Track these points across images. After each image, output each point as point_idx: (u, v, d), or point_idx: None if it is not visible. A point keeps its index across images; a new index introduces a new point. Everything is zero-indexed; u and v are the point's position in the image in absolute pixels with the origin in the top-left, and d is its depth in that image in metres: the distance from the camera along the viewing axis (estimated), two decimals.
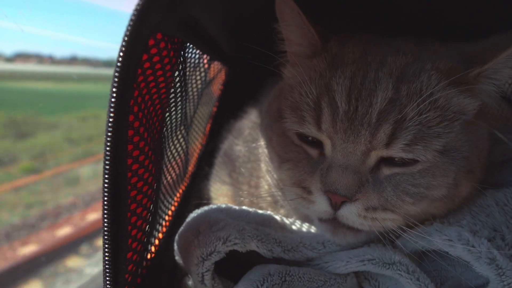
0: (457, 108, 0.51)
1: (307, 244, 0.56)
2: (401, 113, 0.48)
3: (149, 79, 0.46)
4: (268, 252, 0.55)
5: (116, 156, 0.41)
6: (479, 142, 0.55)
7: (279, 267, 0.54)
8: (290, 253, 0.56)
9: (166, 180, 0.65)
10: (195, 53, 0.67)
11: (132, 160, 0.45)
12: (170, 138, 0.61)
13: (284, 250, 0.55)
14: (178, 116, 0.62)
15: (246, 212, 0.61)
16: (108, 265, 0.42)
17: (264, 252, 0.54)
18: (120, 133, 0.41)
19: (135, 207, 0.47)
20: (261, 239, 0.54)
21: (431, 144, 0.49)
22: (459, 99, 0.52)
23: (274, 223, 0.60)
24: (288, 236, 0.58)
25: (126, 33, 0.37)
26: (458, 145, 0.51)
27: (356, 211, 0.50)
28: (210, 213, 0.59)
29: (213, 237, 0.53)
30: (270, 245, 0.55)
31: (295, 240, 0.57)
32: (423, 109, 0.49)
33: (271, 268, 0.53)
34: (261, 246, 0.54)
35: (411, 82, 0.50)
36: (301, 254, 0.56)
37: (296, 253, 0.56)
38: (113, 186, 0.41)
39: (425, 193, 0.51)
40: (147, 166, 0.48)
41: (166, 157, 0.62)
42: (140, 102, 0.45)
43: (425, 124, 0.49)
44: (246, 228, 0.54)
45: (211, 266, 0.53)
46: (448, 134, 0.50)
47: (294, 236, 0.58)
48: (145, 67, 0.44)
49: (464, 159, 0.52)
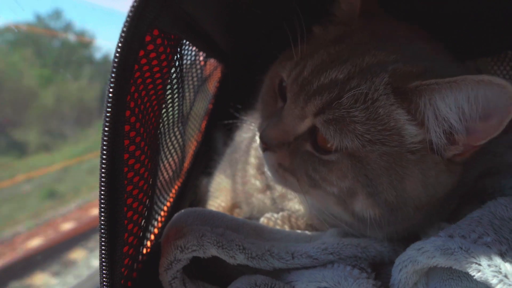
0: (393, 124, 0.50)
1: (274, 253, 0.55)
2: (337, 96, 0.51)
3: (146, 75, 0.46)
4: (231, 259, 0.54)
5: (112, 151, 0.41)
6: (410, 184, 0.51)
7: (265, 278, 0.55)
8: (255, 260, 0.54)
9: (162, 176, 0.65)
10: (191, 50, 0.68)
11: (129, 155, 0.45)
12: (167, 134, 0.62)
13: (248, 257, 0.54)
14: (175, 112, 0.62)
15: (217, 216, 0.60)
16: (105, 259, 0.42)
17: (227, 259, 0.54)
18: (116, 128, 0.41)
19: (131, 201, 0.47)
20: (221, 246, 0.53)
21: (346, 136, 0.50)
22: (398, 115, 0.50)
23: (248, 229, 0.60)
24: (256, 243, 0.56)
25: (123, 29, 0.38)
26: (368, 161, 0.51)
27: (271, 161, 0.58)
28: (180, 218, 0.59)
29: (172, 246, 0.53)
30: (232, 251, 0.54)
31: (262, 247, 0.55)
32: (358, 106, 0.50)
33: (258, 278, 0.54)
34: (221, 252, 0.54)
35: (364, 80, 0.51)
36: (267, 263, 0.55)
37: (261, 261, 0.54)
38: (109, 180, 0.41)
39: (319, 182, 0.54)
40: (143, 161, 0.49)
41: (163, 153, 0.63)
42: (136, 97, 0.45)
43: (352, 117, 0.50)
44: (206, 234, 0.54)
45: (176, 273, 0.54)
46: (365, 143, 0.50)
47: (264, 243, 0.57)
48: (142, 63, 0.44)
49: (367, 179, 0.51)
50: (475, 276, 0.42)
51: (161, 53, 0.47)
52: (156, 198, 0.63)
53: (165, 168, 0.66)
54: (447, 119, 0.48)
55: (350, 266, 0.54)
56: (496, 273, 0.41)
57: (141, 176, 0.49)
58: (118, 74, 0.39)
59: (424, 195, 0.52)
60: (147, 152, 0.50)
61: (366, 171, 0.51)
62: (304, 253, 0.55)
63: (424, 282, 0.50)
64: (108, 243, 0.43)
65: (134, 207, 0.49)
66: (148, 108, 0.50)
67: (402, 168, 0.51)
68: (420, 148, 0.51)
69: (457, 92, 0.45)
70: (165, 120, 0.59)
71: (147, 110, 0.49)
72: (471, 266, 0.43)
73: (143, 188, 0.50)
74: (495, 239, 0.45)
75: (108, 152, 0.40)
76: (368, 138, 0.50)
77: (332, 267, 0.55)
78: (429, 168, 0.51)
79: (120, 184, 0.44)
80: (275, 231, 0.64)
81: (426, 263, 0.46)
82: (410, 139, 0.50)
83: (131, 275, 0.53)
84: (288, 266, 0.56)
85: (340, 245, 0.56)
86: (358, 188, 0.52)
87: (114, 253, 0.44)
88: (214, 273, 0.61)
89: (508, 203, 0.50)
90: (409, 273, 0.49)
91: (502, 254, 0.43)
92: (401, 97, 0.50)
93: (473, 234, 0.46)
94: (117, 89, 0.40)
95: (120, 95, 0.40)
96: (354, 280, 0.51)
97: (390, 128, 0.50)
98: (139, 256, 0.56)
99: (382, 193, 0.51)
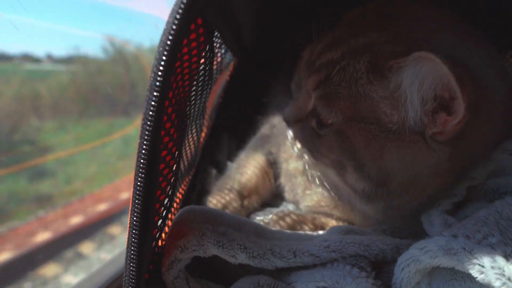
0: (370, 103, 0.53)
1: (276, 252, 0.55)
2: (328, 74, 0.55)
3: (185, 65, 0.45)
4: (232, 258, 0.54)
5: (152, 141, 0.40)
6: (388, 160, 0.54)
7: (268, 279, 0.55)
8: (256, 260, 0.54)
9: (180, 168, 0.64)
10: (218, 42, 0.66)
11: (162, 146, 0.44)
12: (189, 127, 0.61)
13: (249, 256, 0.54)
14: (199, 105, 0.61)
15: (219, 215, 0.60)
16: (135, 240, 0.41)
17: (228, 258, 0.54)
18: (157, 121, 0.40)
19: (165, 185, 0.47)
20: (222, 245, 0.53)
21: (331, 112, 0.55)
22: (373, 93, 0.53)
23: (249, 228, 0.60)
24: (258, 242, 0.56)
25: (175, 16, 0.37)
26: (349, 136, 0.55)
27: (291, 134, 0.65)
28: (181, 216, 0.58)
29: (173, 245, 0.53)
30: (233, 251, 0.54)
31: (263, 247, 0.55)
32: (344, 84, 0.54)
33: (261, 279, 0.54)
34: (222, 252, 0.54)
35: (352, 59, 0.54)
36: (268, 262, 0.55)
37: (263, 260, 0.54)
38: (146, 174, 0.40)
39: (317, 155, 0.61)
40: (173, 153, 0.48)
41: (183, 145, 0.62)
42: (174, 88, 0.44)
43: (338, 94, 0.54)
44: (206, 233, 0.54)
45: (178, 273, 0.54)
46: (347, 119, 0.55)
47: (266, 242, 0.57)
48: (184, 52, 0.43)
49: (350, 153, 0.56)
50: (478, 278, 0.42)
51: (201, 43, 0.46)
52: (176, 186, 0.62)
53: (182, 161, 0.65)
54: (420, 96, 0.49)
55: (350, 265, 0.54)
56: (500, 275, 0.40)
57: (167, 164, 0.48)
58: (163, 62, 0.38)
59: (405, 172, 0.54)
60: (176, 140, 0.49)
61: (349, 145, 0.55)
62: (306, 251, 0.55)
63: (427, 282, 0.50)
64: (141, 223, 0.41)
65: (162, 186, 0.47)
66: (182, 99, 0.48)
67: (380, 145, 0.53)
68: (397, 127, 0.52)
69: (424, 69, 0.46)
70: (192, 113, 0.58)
71: (181, 101, 0.48)
72: (474, 267, 0.42)
73: (167, 177, 0.49)
74: (500, 240, 0.44)
75: (148, 142, 0.39)
76: (350, 114, 0.54)
77: (331, 267, 0.55)
78: (405, 146, 0.53)
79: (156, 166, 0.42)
80: (276, 231, 0.64)
81: (429, 263, 0.46)
82: (386, 118, 0.53)
83: (148, 267, 0.52)
84: (290, 264, 0.55)
85: (342, 243, 0.56)
86: (345, 161, 0.56)
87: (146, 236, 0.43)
88: (217, 272, 0.61)
89: None
90: (412, 273, 0.48)
91: (506, 256, 0.42)
92: (379, 76, 0.51)
93: (477, 235, 0.46)
94: (162, 78, 0.38)
95: (165, 84, 0.39)
96: (353, 279, 0.51)
97: (367, 106, 0.53)
98: (156, 248, 0.55)
99: (365, 167, 0.55)
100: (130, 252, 0.42)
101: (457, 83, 0.45)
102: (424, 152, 0.53)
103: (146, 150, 0.38)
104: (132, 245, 0.42)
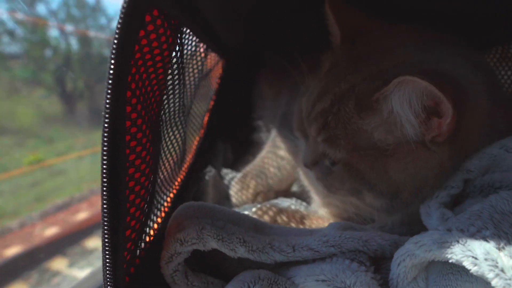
0: (365, 135, 0.59)
1: (275, 246, 0.55)
2: (325, 121, 0.62)
3: (147, 57, 0.46)
4: (231, 252, 0.55)
5: (113, 131, 0.41)
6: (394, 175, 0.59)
7: (268, 273, 0.55)
8: (255, 253, 0.55)
9: (164, 165, 0.65)
10: (192, 40, 0.68)
11: (130, 137, 0.45)
12: (168, 123, 0.62)
13: (248, 250, 0.54)
14: (176, 101, 0.62)
15: (218, 210, 0.60)
16: (107, 239, 0.42)
17: (227, 251, 0.55)
18: (118, 108, 0.41)
19: (133, 184, 0.47)
20: (222, 239, 0.54)
21: (336, 150, 0.61)
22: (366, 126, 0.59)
23: (248, 223, 0.60)
24: (257, 236, 0.57)
25: (123, 6, 0.38)
26: (355, 165, 0.61)
27: (313, 175, 0.69)
28: (181, 211, 0.59)
29: (173, 239, 0.54)
30: (232, 244, 0.54)
31: (263, 241, 0.56)
32: (340, 126, 0.61)
33: (261, 273, 0.54)
34: (221, 245, 0.54)
35: (341, 104, 0.61)
36: (268, 256, 0.55)
37: (262, 254, 0.55)
38: (111, 161, 0.41)
39: (332, 188, 0.67)
40: (144, 145, 0.49)
41: (164, 142, 0.63)
42: (137, 79, 0.45)
43: (337, 135, 0.61)
44: (206, 227, 0.54)
45: (178, 266, 0.55)
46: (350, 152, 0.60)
47: (265, 237, 0.57)
48: (143, 44, 0.44)
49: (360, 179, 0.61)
50: (472, 270, 0.42)
51: (161, 35, 0.48)
52: (158, 187, 0.63)
53: (167, 158, 0.66)
54: (412, 112, 0.54)
55: (349, 259, 0.54)
56: (493, 267, 0.41)
57: (143, 160, 0.49)
58: (118, 52, 0.39)
59: (410, 179, 0.59)
60: (148, 136, 0.50)
61: (357, 173, 0.61)
62: (306, 245, 0.55)
63: (424, 276, 0.50)
64: (111, 223, 0.42)
65: (136, 190, 0.48)
66: (150, 92, 0.50)
67: (382, 164, 0.59)
68: (394, 146, 0.58)
69: (407, 90, 0.52)
70: (166, 108, 0.59)
71: (148, 94, 0.49)
72: (467, 259, 0.42)
73: (145, 172, 0.50)
74: (494, 233, 0.45)
75: (109, 133, 0.40)
76: (351, 148, 0.60)
77: (331, 261, 0.55)
78: (404, 156, 0.58)
79: (121, 166, 0.44)
80: (276, 226, 0.64)
81: (424, 257, 0.46)
82: (381, 143, 0.58)
83: (134, 261, 0.53)
84: (289, 259, 0.55)
85: (342, 238, 0.56)
86: (358, 187, 0.62)
87: (117, 234, 0.44)
88: (216, 267, 0.61)
89: (510, 197, 0.49)
90: (408, 267, 0.48)
91: (500, 249, 0.42)
92: (369, 110, 0.58)
93: (471, 228, 0.46)
94: (118, 67, 0.40)
95: (121, 74, 0.40)
96: (352, 272, 0.51)
97: (363, 138, 0.59)
98: (141, 243, 0.56)
99: (376, 186, 0.60)
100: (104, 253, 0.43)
101: (438, 90, 0.49)
102: (424, 156, 0.58)
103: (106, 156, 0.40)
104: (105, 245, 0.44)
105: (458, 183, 0.59)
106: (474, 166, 0.59)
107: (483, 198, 0.55)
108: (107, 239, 0.43)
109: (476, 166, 0.59)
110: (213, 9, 0.65)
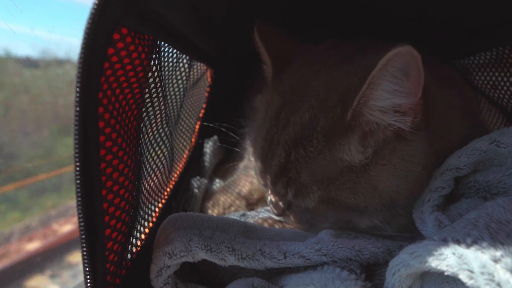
0: (340, 164, 0.55)
1: (266, 253, 0.55)
2: (287, 175, 0.58)
3: (119, 73, 0.47)
4: (221, 261, 0.55)
5: (85, 147, 0.42)
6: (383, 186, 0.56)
7: (262, 281, 0.56)
8: (246, 261, 0.55)
9: (149, 176, 0.66)
10: (172, 52, 0.69)
11: (106, 151, 0.46)
12: (151, 134, 0.63)
13: (238, 258, 0.55)
14: (157, 112, 0.64)
15: (205, 219, 0.60)
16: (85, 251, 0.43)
17: (217, 261, 0.55)
18: (88, 124, 0.42)
19: (112, 197, 0.49)
20: (210, 249, 0.54)
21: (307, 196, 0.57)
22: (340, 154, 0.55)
23: (237, 228, 0.60)
24: (247, 242, 0.57)
25: (86, 26, 0.39)
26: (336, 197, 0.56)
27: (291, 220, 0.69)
28: (168, 223, 0.59)
29: (161, 252, 0.54)
30: (221, 254, 0.54)
31: (253, 247, 0.56)
32: (302, 172, 0.57)
33: (255, 281, 0.55)
34: (210, 256, 0.54)
35: (300, 147, 0.56)
36: (258, 263, 0.55)
37: (252, 261, 0.55)
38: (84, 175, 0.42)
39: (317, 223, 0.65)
40: (121, 158, 0.50)
41: (149, 153, 0.64)
42: (110, 95, 0.46)
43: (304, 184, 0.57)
44: (193, 238, 0.55)
45: (167, 279, 0.55)
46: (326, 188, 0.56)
47: (255, 243, 0.57)
48: (113, 61, 0.46)
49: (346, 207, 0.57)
50: (468, 283, 0.41)
51: (133, 51, 0.49)
52: (144, 198, 0.64)
53: (152, 169, 0.67)
54: (391, 111, 0.53)
55: (340, 268, 0.54)
56: (489, 281, 0.39)
57: (121, 172, 0.50)
58: (84, 70, 0.40)
59: (404, 183, 0.56)
60: (125, 149, 0.51)
61: (341, 204, 0.57)
62: (297, 253, 0.55)
63: (419, 285, 0.49)
64: (87, 236, 0.44)
65: (115, 203, 0.50)
66: (125, 106, 0.51)
67: (367, 181, 0.55)
68: (374, 156, 0.55)
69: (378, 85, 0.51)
70: (146, 120, 0.60)
71: (124, 108, 0.51)
72: (463, 273, 0.41)
73: (123, 184, 0.51)
74: (490, 244, 0.43)
75: (80, 147, 0.41)
76: (324, 186, 0.56)
77: (321, 270, 0.55)
78: (387, 159, 0.55)
79: (97, 179, 0.45)
80: (268, 229, 0.64)
81: (419, 268, 0.45)
82: (359, 162, 0.55)
83: (119, 272, 0.54)
84: (280, 265, 0.56)
85: (334, 247, 0.56)
86: (348, 215, 0.59)
87: (95, 246, 0.45)
88: (207, 276, 0.62)
89: (507, 204, 0.48)
90: (403, 277, 0.48)
91: (496, 261, 0.41)
92: (340, 138, 0.55)
93: (468, 238, 0.45)
94: (85, 85, 0.41)
95: (89, 91, 0.42)
96: (341, 282, 0.51)
97: (337, 167, 0.56)
98: (127, 254, 0.57)
99: (368, 207, 0.56)
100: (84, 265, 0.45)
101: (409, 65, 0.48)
102: (408, 150, 0.56)
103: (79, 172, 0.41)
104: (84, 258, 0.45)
105: (449, 182, 0.58)
106: (464, 163, 0.58)
107: (480, 199, 0.56)
108: (86, 252, 0.44)
109: (466, 163, 0.58)
110: (182, 21, 0.66)
